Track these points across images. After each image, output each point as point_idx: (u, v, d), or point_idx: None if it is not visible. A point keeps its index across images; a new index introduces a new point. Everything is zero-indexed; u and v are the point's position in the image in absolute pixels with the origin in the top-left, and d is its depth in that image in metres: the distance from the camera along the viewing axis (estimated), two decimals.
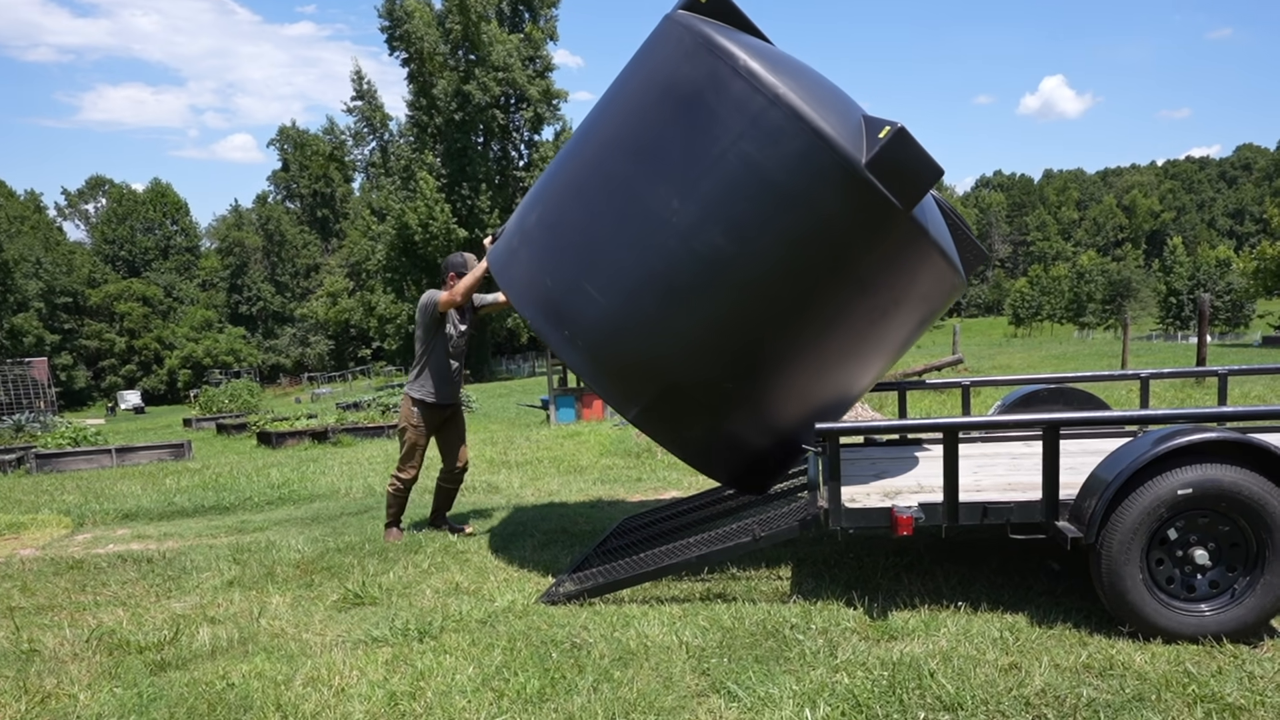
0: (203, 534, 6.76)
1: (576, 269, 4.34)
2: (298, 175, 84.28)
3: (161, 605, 4.70)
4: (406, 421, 5.87)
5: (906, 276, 4.20)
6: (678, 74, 4.14)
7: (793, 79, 3.99)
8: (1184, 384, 12.73)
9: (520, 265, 4.65)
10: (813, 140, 3.84)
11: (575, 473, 9.16)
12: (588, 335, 4.32)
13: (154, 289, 74.47)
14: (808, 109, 3.86)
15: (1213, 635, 3.50)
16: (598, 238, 4.29)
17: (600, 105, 4.76)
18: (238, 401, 26.74)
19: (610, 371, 4.36)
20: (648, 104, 4.26)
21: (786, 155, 3.87)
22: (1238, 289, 57.00)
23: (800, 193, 3.90)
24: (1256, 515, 3.45)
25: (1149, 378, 5.75)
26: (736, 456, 4.64)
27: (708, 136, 3.99)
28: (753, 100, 3.91)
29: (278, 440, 14.79)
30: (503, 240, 5.00)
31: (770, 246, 3.99)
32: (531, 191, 4.98)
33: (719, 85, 3.98)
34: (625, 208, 4.21)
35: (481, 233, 48.29)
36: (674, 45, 4.24)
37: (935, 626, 3.76)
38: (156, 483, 9.91)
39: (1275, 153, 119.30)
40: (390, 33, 48.78)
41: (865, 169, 3.83)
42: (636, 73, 4.49)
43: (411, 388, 5.86)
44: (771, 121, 3.88)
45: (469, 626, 4.06)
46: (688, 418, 4.41)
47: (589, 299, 4.28)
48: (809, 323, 4.15)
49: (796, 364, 4.26)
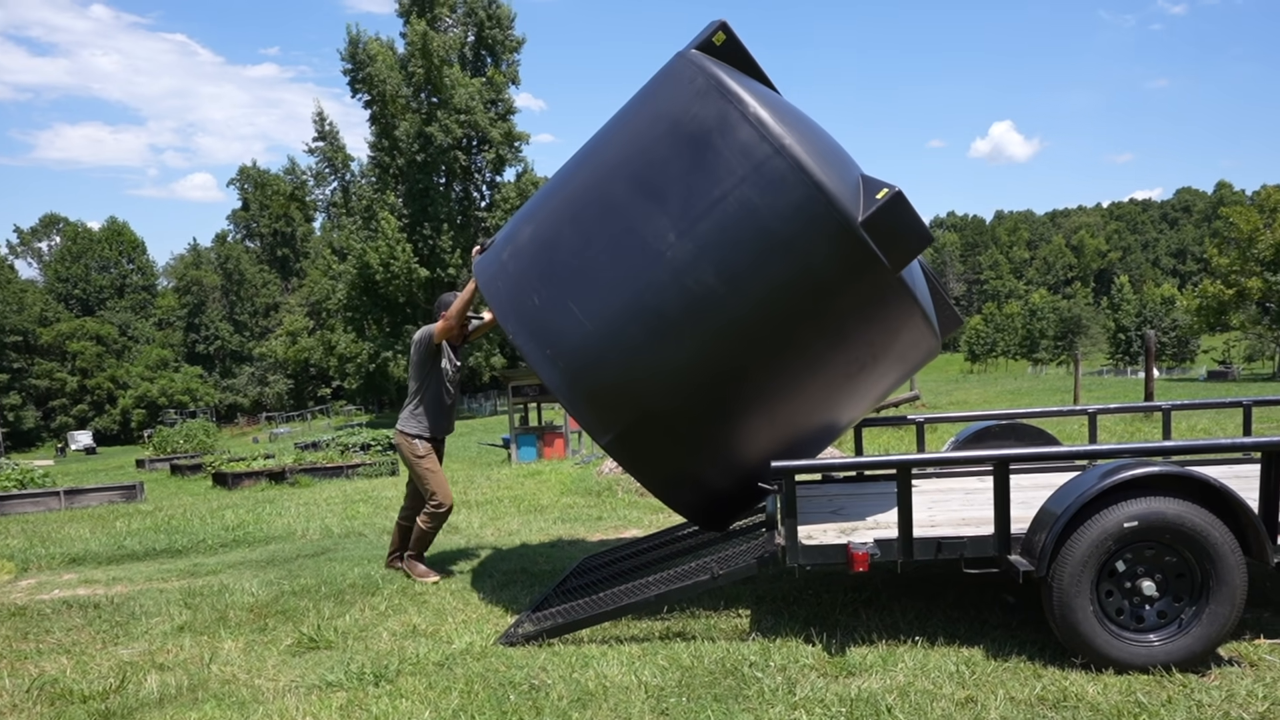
0: (153, 578, 6.59)
1: (565, 290, 4.35)
2: (258, 214, 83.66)
3: (108, 652, 4.57)
4: (412, 455, 5.74)
5: (888, 334, 4.31)
6: (687, 112, 4.21)
7: (798, 131, 4.10)
8: (1134, 418, 13.02)
9: (508, 279, 4.63)
10: (812, 192, 3.94)
11: (536, 512, 9.10)
12: (570, 356, 4.32)
13: (108, 328, 73.08)
14: (810, 162, 3.97)
15: (1162, 665, 3.56)
16: (590, 262, 4.32)
17: (606, 130, 4.78)
18: (193, 442, 26.18)
19: (588, 395, 4.37)
20: (655, 137, 4.31)
21: (785, 205, 3.97)
22: (1182, 325, 58.60)
23: (794, 242, 3.99)
24: (1199, 546, 3.54)
25: (1096, 413, 5.89)
26: (703, 492, 4.66)
27: (710, 177, 4.07)
28: (758, 148, 4.00)
29: (233, 481, 14.51)
30: (491, 252, 4.95)
31: (760, 291, 4.06)
32: (527, 206, 4.98)
33: (727, 129, 4.07)
34: (621, 236, 4.25)
35: (444, 273, 48.23)
36: (686, 84, 4.30)
37: (893, 661, 3.79)
38: (106, 525, 9.65)
39: (1212, 196, 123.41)
40: (353, 75, 48.97)
41: (860, 227, 3.94)
42: (646, 104, 4.54)
43: (407, 424, 5.76)
44: (775, 170, 3.97)
45: (426, 669, 4.00)
46: (660, 449, 4.43)
47: (575, 321, 4.29)
48: (788, 368, 4.22)
49: (771, 406, 4.32)
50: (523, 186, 50.20)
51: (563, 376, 4.36)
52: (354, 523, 8.92)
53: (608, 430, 4.39)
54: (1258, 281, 40.75)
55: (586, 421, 4.43)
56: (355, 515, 9.39)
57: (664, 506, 8.61)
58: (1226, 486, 3.58)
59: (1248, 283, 41.23)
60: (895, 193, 3.95)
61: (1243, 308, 43.26)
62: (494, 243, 5.00)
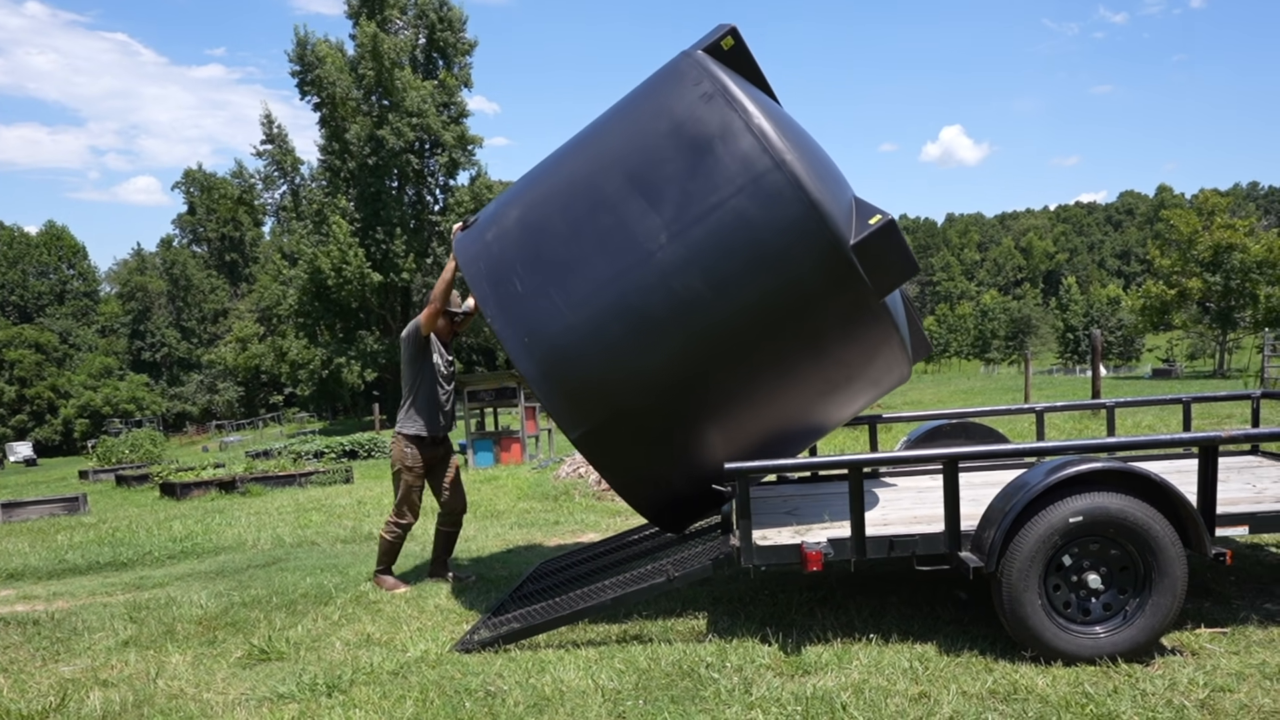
0: (97, 592, 6.42)
1: (548, 278, 4.32)
2: (205, 219, 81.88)
3: (48, 669, 4.44)
4: (400, 463, 5.57)
5: (865, 356, 4.37)
6: (690, 115, 4.21)
7: (798, 147, 4.13)
8: (1081, 415, 13.32)
9: (491, 260, 4.56)
10: (808, 210, 3.97)
11: (492, 517, 9.04)
12: (547, 347, 4.29)
13: (48, 335, 70.93)
14: (809, 179, 4.01)
15: (1108, 656, 3.64)
16: (577, 253, 4.29)
17: (605, 120, 4.74)
18: (139, 451, 25.58)
19: (562, 387, 4.33)
20: (655, 135, 4.30)
21: (780, 219, 3.99)
22: (1128, 325, 60.09)
23: (785, 257, 4.03)
24: (1142, 539, 3.63)
25: (1044, 411, 6.01)
26: (667, 493, 4.67)
27: (708, 183, 4.08)
28: (759, 160, 4.02)
29: (182, 491, 14.19)
30: (474, 231, 4.85)
31: (746, 301, 4.09)
32: (515, 188, 4.91)
33: (729, 137, 4.08)
34: (611, 231, 4.24)
35: (398, 277, 47.72)
36: (690, 85, 4.29)
37: (848, 659, 3.83)
38: (47, 539, 9.38)
39: (1154, 199, 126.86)
40: (301, 77, 48.22)
41: (850, 249, 3.99)
42: (648, 100, 4.51)
43: (402, 425, 5.58)
44: (773, 184, 4.00)
45: (380, 679, 3.95)
46: (630, 448, 4.41)
47: (556, 311, 4.27)
48: (765, 379, 4.26)
49: (743, 415, 4.34)
50: (477, 190, 49.87)
51: (538, 366, 4.32)
52: (307, 532, 8.78)
53: (579, 425, 4.36)
54: (1198, 282, 41.93)
55: (558, 413, 4.38)
56: (308, 524, 9.25)
57: (621, 510, 8.61)
58: (1167, 481, 3.68)
59: (1188, 283, 42.41)
60: (888, 220, 4.02)
61: (1184, 307, 44.47)
62: (477, 221, 4.89)
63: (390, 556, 5.76)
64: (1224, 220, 42.76)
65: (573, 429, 4.40)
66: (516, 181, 5.03)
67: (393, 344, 49.12)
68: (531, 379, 4.36)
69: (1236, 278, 40.88)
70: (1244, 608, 4.28)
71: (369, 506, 10.27)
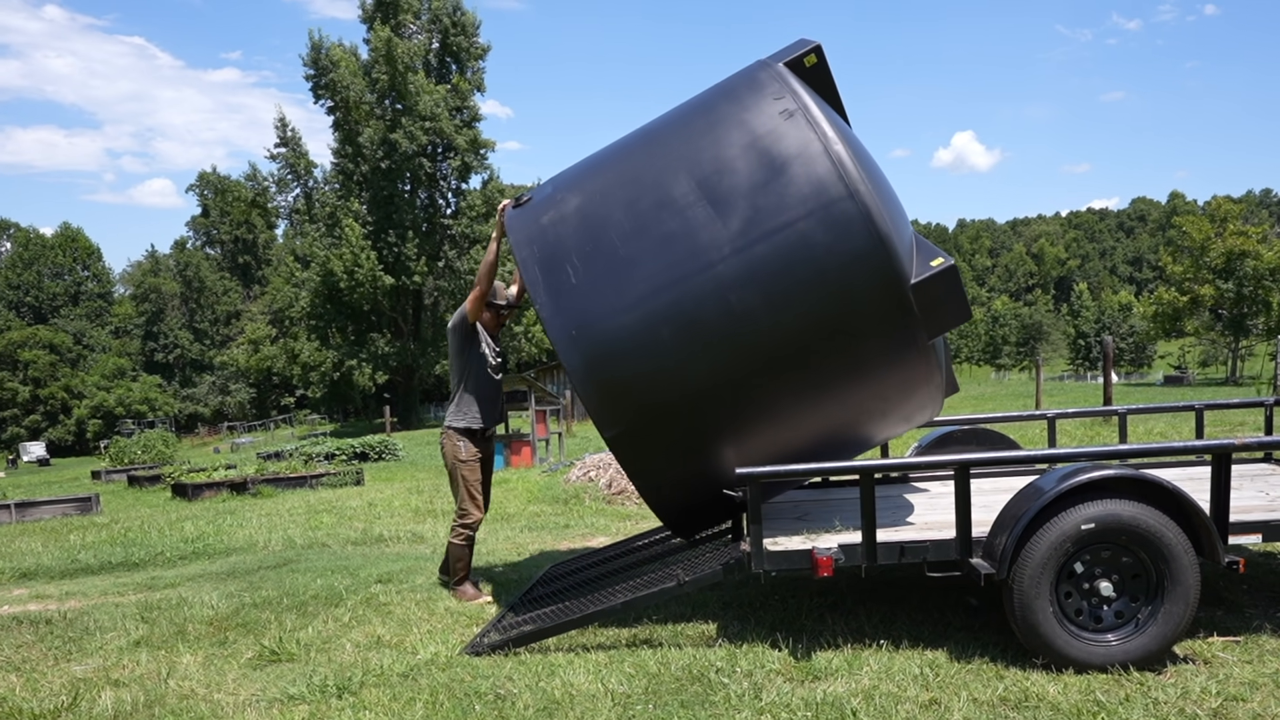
0: (109, 592, 6.45)
1: (605, 273, 4.29)
2: (218, 221, 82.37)
3: (60, 669, 4.47)
4: (454, 459, 5.35)
5: (903, 393, 4.39)
6: (769, 130, 4.21)
7: (871, 178, 4.15)
8: (1092, 422, 13.25)
9: (546, 245, 4.48)
10: (875, 244, 4.00)
11: (502, 520, 9.05)
12: (594, 342, 4.26)
13: (62, 336, 71.43)
14: (879, 213, 4.03)
15: (1120, 664, 3.63)
16: (637, 252, 4.27)
17: (676, 119, 4.68)
18: (151, 452, 25.73)
19: (605, 386, 4.29)
20: (730, 144, 4.28)
21: (846, 249, 4.02)
22: (1139, 331, 59.82)
23: (844, 286, 4.05)
24: (1154, 547, 3.61)
25: (1055, 417, 5.99)
26: (691, 501, 4.67)
27: (778, 202, 4.09)
28: (834, 187, 4.04)
29: (194, 492, 14.25)
30: (529, 211, 4.74)
31: (799, 324, 4.11)
32: (575, 172, 4.82)
33: (806, 159, 4.09)
34: (675, 235, 4.22)
35: (409, 280, 47.85)
36: (771, 100, 4.29)
37: (858, 665, 3.82)
38: (59, 539, 9.44)
39: (1166, 205, 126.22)
40: (315, 81, 48.44)
41: (910, 288, 4.03)
42: (725, 105, 4.47)
43: (453, 418, 5.39)
44: (844, 213, 4.02)
45: (390, 681, 3.96)
46: (662, 453, 4.39)
47: (609, 308, 4.24)
48: (802, 400, 4.27)
49: (777, 432, 4.34)
50: (488, 194, 49.97)
51: (584, 361, 4.28)
52: (317, 533, 8.81)
53: (615, 424, 4.34)
54: (1210, 289, 41.73)
55: (596, 410, 4.34)
56: (319, 526, 9.28)
57: (631, 514, 8.61)
58: (1179, 488, 3.66)
59: (1200, 290, 42.22)
60: (950, 265, 4.09)
61: (1196, 314, 44.27)
62: (531, 200, 4.80)
63: (464, 563, 5.48)
64: (1236, 227, 42.55)
65: (608, 428, 4.37)
66: (576, 166, 4.92)
67: (403, 346, 49.28)
68: (575, 373, 4.31)
69: (1249, 284, 40.66)
70: (1257, 616, 4.26)
71: (379, 509, 10.30)
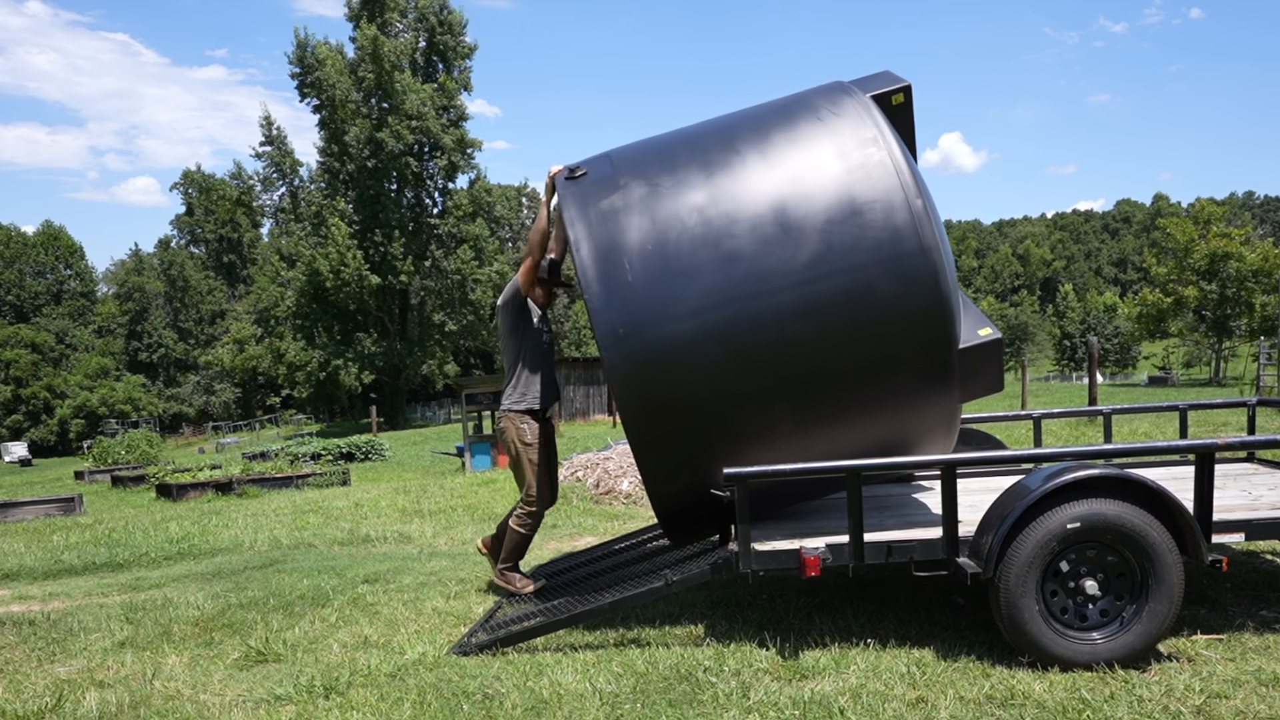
0: (93, 593, 6.41)
1: (663, 277, 4.20)
2: (203, 220, 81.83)
3: (44, 670, 4.43)
4: (519, 442, 5.08)
5: (923, 436, 4.48)
6: (853, 167, 4.20)
7: (939, 234, 4.21)
8: (1078, 422, 13.34)
9: (605, 233, 4.33)
10: (936, 304, 4.08)
11: (490, 521, 9.03)
12: (642, 347, 4.17)
13: (44, 335, 70.85)
14: (945, 274, 4.10)
15: (1105, 662, 3.65)
16: (702, 263, 4.19)
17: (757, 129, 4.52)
18: (135, 452, 25.58)
19: (643, 392, 4.21)
20: (809, 171, 4.25)
21: (908, 303, 4.09)
22: (1124, 332, 60.24)
23: (897, 337, 4.13)
24: (1139, 546, 3.64)
25: (1040, 417, 6.03)
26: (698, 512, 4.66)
27: (851, 243, 4.11)
28: (908, 241, 4.08)
29: (178, 492, 14.18)
30: (588, 189, 4.53)
31: (844, 364, 4.17)
32: (644, 158, 4.60)
33: (888, 208, 4.11)
34: (741, 254, 4.17)
35: (396, 280, 47.71)
36: (858, 142, 4.26)
37: (845, 664, 3.83)
38: (42, 539, 9.36)
39: (1150, 207, 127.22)
40: (301, 79, 48.26)
41: (957, 351, 4.16)
42: (808, 127, 4.41)
43: (512, 401, 5.14)
44: (914, 269, 4.07)
45: (377, 681, 3.95)
46: (685, 465, 4.36)
47: (662, 314, 4.17)
48: (829, 431, 4.33)
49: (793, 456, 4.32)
50: (475, 194, 49.93)
51: (627, 363, 4.19)
52: (304, 534, 8.77)
53: (648, 433, 4.30)
54: (1194, 290, 42.08)
55: (629, 414, 4.26)
56: (305, 526, 9.24)
57: (619, 514, 8.61)
58: (1164, 488, 3.69)
59: (1184, 291, 42.56)
60: (997, 339, 4.26)
61: (1180, 315, 44.64)
62: (585, 175, 4.61)
63: (520, 551, 5.25)
64: (1220, 229, 42.93)
65: (641, 435, 4.31)
66: (639, 148, 4.74)
67: (390, 346, 49.12)
68: (615, 372, 4.22)
69: (1232, 286, 41.02)
70: (1240, 614, 4.30)
71: (366, 509, 10.26)
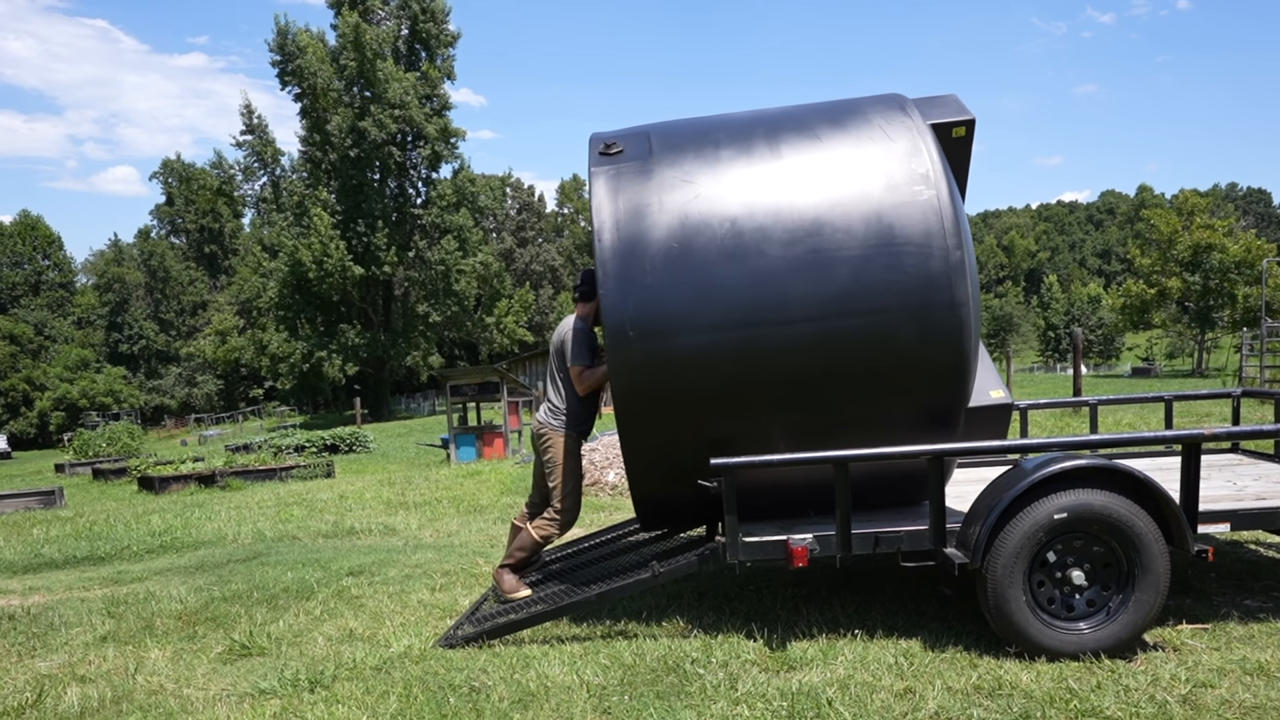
0: (74, 586, 6.34)
1: (684, 285, 4.11)
2: (183, 210, 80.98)
3: (24, 665, 4.38)
4: (565, 454, 4.80)
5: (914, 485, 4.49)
6: (898, 203, 4.09)
7: (973, 284, 4.16)
8: (1063, 413, 13.41)
9: (632, 223, 4.21)
10: (955, 361, 4.07)
11: (475, 512, 9.00)
12: (648, 348, 4.10)
13: (22, 327, 70.03)
14: (971, 331, 4.08)
15: (1092, 652, 3.67)
16: (726, 276, 4.10)
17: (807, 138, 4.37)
18: (117, 445, 25.29)
19: (646, 395, 4.16)
20: (852, 196, 4.14)
21: (928, 355, 4.05)
22: (1108, 323, 60.62)
23: (910, 384, 4.11)
24: (1125, 536, 3.66)
25: (1027, 408, 6.04)
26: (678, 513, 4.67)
27: (880, 285, 4.03)
28: (939, 292, 4.01)
29: (160, 485, 14.05)
30: (624, 171, 4.37)
31: (849, 400, 4.15)
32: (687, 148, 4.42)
33: (926, 255, 4.02)
34: (768, 275, 4.08)
35: (379, 271, 47.40)
36: (909, 177, 4.14)
37: (833, 655, 3.83)
38: (22, 533, 9.26)
39: (1134, 198, 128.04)
40: (282, 67, 47.77)
41: (964, 409, 4.22)
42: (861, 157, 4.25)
43: (563, 420, 4.82)
44: (939, 321, 4.02)
45: (363, 674, 3.92)
46: (673, 472, 4.32)
47: (677, 322, 4.10)
48: None
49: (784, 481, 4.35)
50: (459, 183, 49.61)
51: (628, 364, 4.14)
52: (288, 526, 8.71)
53: (643, 441, 4.25)
54: (1177, 281, 42.34)
55: (624, 414, 4.21)
56: (289, 519, 9.17)
57: (604, 506, 8.59)
58: (1150, 478, 3.70)
59: (1168, 282, 42.81)
60: (1007, 402, 4.33)
61: (1164, 306, 44.92)
62: (622, 153, 4.46)
63: (528, 558, 4.95)
64: (1203, 220, 43.19)
65: (635, 443, 4.28)
66: (684, 134, 4.54)
67: (373, 337, 48.83)
68: (618, 375, 4.16)
69: (1215, 277, 41.31)
70: (1225, 604, 4.33)
71: (350, 501, 10.21)
